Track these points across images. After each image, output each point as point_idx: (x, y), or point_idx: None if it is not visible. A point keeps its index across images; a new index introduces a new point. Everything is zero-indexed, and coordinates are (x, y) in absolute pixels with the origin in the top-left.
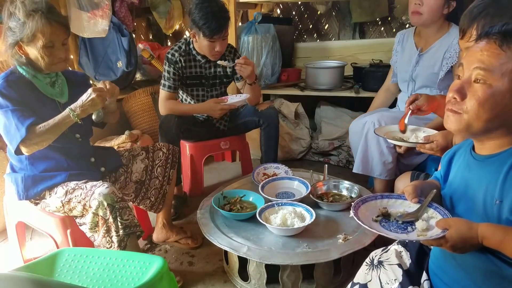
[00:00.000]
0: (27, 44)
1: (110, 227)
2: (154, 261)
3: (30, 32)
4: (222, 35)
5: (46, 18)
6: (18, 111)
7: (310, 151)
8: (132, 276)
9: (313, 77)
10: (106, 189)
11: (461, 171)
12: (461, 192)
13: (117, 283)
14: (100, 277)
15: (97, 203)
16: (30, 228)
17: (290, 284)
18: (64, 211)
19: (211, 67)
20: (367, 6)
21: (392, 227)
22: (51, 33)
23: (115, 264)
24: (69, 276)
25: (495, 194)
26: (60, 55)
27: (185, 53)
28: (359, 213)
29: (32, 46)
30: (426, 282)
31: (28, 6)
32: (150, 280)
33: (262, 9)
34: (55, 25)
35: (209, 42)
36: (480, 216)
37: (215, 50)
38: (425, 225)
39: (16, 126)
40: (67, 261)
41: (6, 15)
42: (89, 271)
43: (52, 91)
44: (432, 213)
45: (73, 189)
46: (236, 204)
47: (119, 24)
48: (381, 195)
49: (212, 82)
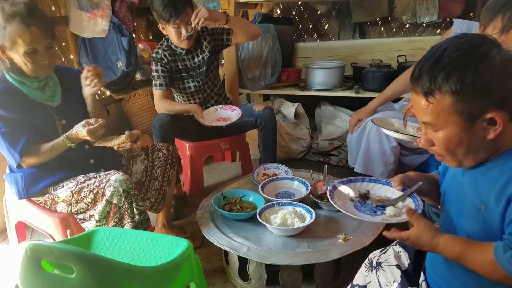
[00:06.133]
0: (10, 49)
1: (123, 214)
2: (180, 243)
3: (9, 38)
4: (182, 18)
5: (25, 23)
6: (7, 134)
7: (310, 151)
8: (160, 255)
9: (313, 77)
10: (122, 176)
11: (456, 172)
12: (453, 193)
13: (145, 261)
14: (131, 255)
15: (113, 189)
16: (30, 228)
17: (290, 284)
18: (71, 202)
19: (193, 57)
20: (367, 6)
21: (364, 209)
22: (32, 39)
23: (145, 244)
24: (103, 253)
25: (480, 200)
26: (44, 61)
27: (167, 48)
28: (336, 191)
29: (15, 52)
30: (424, 282)
31: (7, 10)
32: (176, 259)
33: (262, 9)
34: (35, 30)
35: (174, 29)
36: (467, 219)
37: (182, 35)
38: (394, 211)
39: (8, 150)
40: (102, 239)
41: None
42: (121, 249)
43: (42, 95)
44: (409, 203)
45: (84, 179)
46: (236, 204)
47: (119, 24)
48: (369, 178)
49: (199, 71)
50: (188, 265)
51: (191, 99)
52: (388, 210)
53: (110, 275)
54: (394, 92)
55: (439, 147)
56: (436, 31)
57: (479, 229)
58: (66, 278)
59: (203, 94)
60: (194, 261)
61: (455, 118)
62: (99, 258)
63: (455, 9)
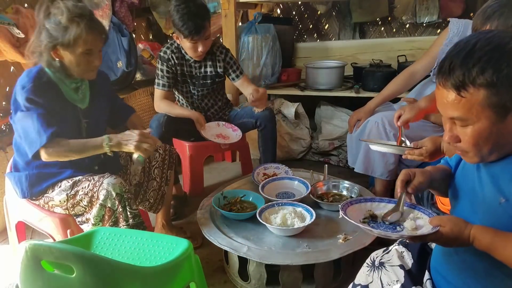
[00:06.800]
0: (65, 48)
1: (118, 218)
2: (180, 243)
3: (73, 37)
4: (202, 35)
5: (90, 26)
6: (43, 116)
7: (310, 151)
8: (160, 255)
9: (313, 77)
10: (114, 179)
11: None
12: (467, 189)
13: (145, 261)
14: (131, 255)
15: (106, 193)
16: (30, 228)
17: (290, 284)
18: (67, 206)
19: (201, 66)
20: (367, 6)
21: (382, 228)
22: (92, 40)
23: (145, 244)
24: (103, 253)
25: (500, 193)
26: (96, 63)
27: (176, 50)
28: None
29: (70, 52)
30: (429, 281)
31: (73, 11)
32: (176, 259)
33: (262, 9)
34: (96, 32)
35: (191, 44)
36: (485, 214)
37: (198, 50)
38: (414, 224)
39: (38, 131)
40: (102, 239)
41: (43, 15)
42: (121, 249)
43: (75, 96)
44: (417, 214)
45: (80, 181)
46: (236, 204)
47: (119, 24)
48: (364, 198)
49: (203, 82)
50: (188, 265)
51: (191, 104)
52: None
53: (110, 275)
54: (392, 92)
55: (467, 142)
56: (436, 31)
57: (498, 224)
58: (66, 278)
59: (204, 102)
60: (194, 261)
61: (488, 111)
62: (99, 258)
63: (455, 9)
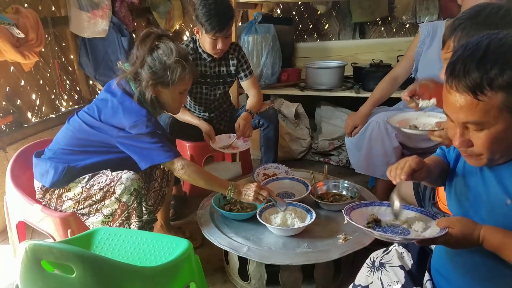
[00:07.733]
0: (165, 87)
1: (131, 213)
2: (180, 243)
3: (177, 78)
4: (224, 33)
5: (193, 70)
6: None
7: (310, 151)
8: (160, 255)
9: (313, 77)
10: (133, 175)
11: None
12: (469, 190)
13: (145, 261)
14: (131, 255)
15: (124, 187)
16: (30, 228)
17: (290, 284)
18: (79, 200)
19: (216, 66)
20: (367, 6)
21: (388, 232)
22: (189, 81)
23: (145, 244)
24: (103, 253)
25: (507, 194)
26: (184, 101)
27: (193, 51)
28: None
29: (170, 90)
30: (429, 282)
31: (179, 53)
32: (176, 259)
33: (262, 9)
34: (193, 74)
35: (211, 39)
36: (491, 215)
37: (217, 47)
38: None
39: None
40: (102, 239)
41: (148, 49)
42: (121, 249)
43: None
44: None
45: (97, 175)
46: (236, 204)
47: (119, 24)
48: (364, 203)
49: (216, 81)
50: (188, 265)
51: (198, 105)
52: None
53: (110, 275)
54: (381, 94)
55: (481, 147)
56: None
57: (504, 224)
58: (66, 278)
59: (213, 104)
60: (194, 261)
61: (506, 114)
62: (99, 258)
63: (455, 9)
